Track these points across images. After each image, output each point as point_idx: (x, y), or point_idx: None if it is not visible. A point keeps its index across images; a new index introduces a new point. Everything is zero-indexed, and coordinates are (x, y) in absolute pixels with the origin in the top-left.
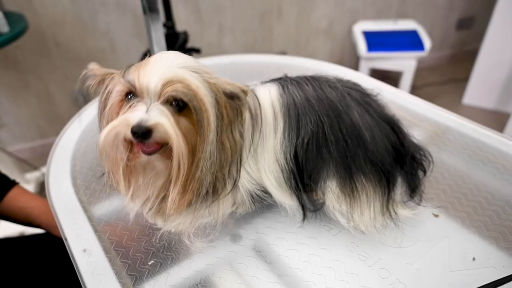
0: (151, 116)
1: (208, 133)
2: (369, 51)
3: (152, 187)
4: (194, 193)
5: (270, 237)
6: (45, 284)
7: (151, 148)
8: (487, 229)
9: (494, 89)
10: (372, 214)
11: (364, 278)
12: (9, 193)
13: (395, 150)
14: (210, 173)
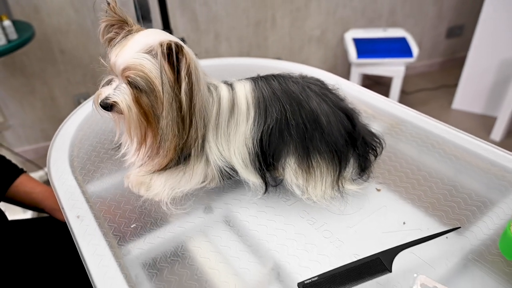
0: (113, 95)
1: (161, 108)
2: (359, 57)
3: (134, 141)
4: (166, 157)
5: (235, 207)
6: (48, 263)
7: (117, 115)
8: (420, 201)
9: (481, 95)
10: (323, 188)
11: (309, 238)
12: (17, 180)
13: (348, 134)
14: (174, 138)
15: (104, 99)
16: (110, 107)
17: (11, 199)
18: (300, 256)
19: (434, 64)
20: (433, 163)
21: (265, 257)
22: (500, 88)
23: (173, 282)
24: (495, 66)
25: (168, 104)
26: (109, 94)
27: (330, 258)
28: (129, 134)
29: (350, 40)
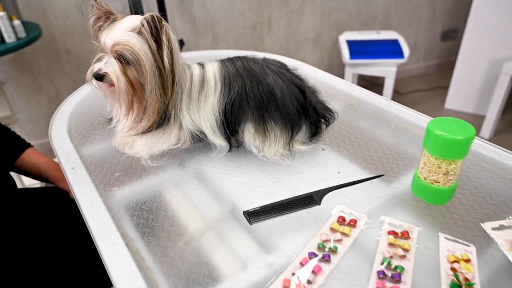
0: (105, 67)
1: (146, 75)
2: (352, 58)
3: (123, 108)
4: (149, 120)
5: (205, 164)
6: (53, 226)
7: (108, 85)
8: (356, 157)
9: (472, 95)
10: (276, 148)
11: (259, 182)
12: (25, 152)
13: (300, 105)
14: (157, 103)
15: (97, 71)
16: (102, 77)
17: (19, 169)
18: (249, 195)
19: (430, 67)
20: (375, 131)
21: (225, 200)
22: (488, 88)
23: (150, 219)
24: (483, 67)
25: (151, 72)
26: (101, 67)
27: (274, 196)
28: (119, 103)
29: (344, 42)
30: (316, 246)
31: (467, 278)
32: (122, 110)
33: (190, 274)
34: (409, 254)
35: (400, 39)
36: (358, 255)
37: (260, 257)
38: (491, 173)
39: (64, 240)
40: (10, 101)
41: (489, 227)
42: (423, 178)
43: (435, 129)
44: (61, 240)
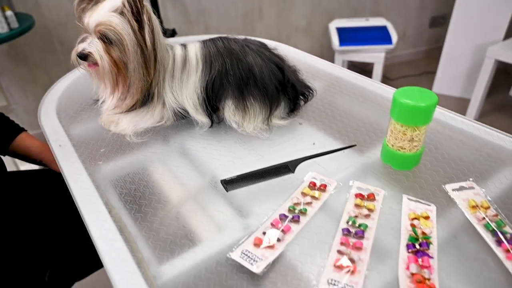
0: (88, 47)
1: (129, 54)
2: (341, 45)
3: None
4: (133, 98)
5: (187, 139)
6: (45, 208)
7: (92, 65)
8: (331, 129)
9: (458, 79)
10: (256, 123)
11: (237, 154)
12: (19, 136)
13: (279, 82)
14: (139, 81)
15: (81, 51)
16: (86, 57)
17: (13, 153)
18: (228, 166)
19: (419, 53)
20: (351, 106)
21: (204, 171)
22: (474, 72)
23: (133, 189)
24: (469, 52)
25: (133, 51)
26: (84, 47)
27: (251, 166)
28: (103, 82)
29: (333, 29)
30: (287, 208)
31: (424, 232)
32: (107, 89)
33: (167, 236)
34: (373, 214)
35: (389, 26)
36: (326, 216)
37: (235, 221)
38: (458, 142)
39: (55, 221)
40: (6, 93)
41: (450, 189)
42: (390, 145)
43: (400, 98)
44: (53, 221)
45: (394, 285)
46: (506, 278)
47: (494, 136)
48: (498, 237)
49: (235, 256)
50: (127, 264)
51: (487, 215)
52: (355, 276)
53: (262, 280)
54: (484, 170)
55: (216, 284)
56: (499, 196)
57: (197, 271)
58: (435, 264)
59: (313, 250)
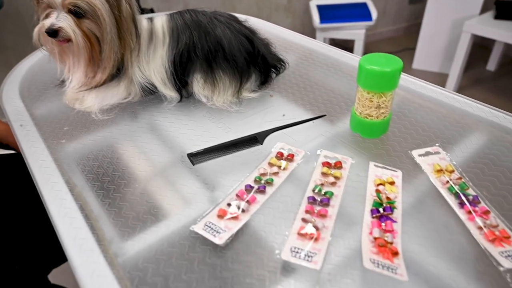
0: (57, 22)
1: (105, 25)
2: (322, 23)
3: (77, 65)
4: (104, 72)
5: (154, 114)
6: (15, 192)
7: (62, 41)
8: (302, 100)
9: (437, 55)
10: (226, 97)
11: (206, 128)
12: None
13: (248, 54)
14: (113, 54)
15: (50, 26)
16: (56, 33)
17: None
18: (196, 139)
19: (399, 30)
20: (323, 77)
21: (171, 146)
22: (452, 48)
23: (96, 167)
24: (447, 27)
25: (110, 22)
26: (53, 22)
27: (219, 139)
28: (73, 60)
29: (314, 7)
30: (253, 179)
31: (388, 197)
32: (77, 66)
33: (130, 213)
34: (339, 182)
35: (368, 2)
36: (293, 185)
37: (201, 194)
38: (427, 109)
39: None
40: None
41: (416, 154)
42: (358, 113)
43: (365, 64)
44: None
45: (358, 250)
46: (467, 239)
47: (461, 102)
48: (461, 199)
49: (198, 229)
50: (86, 242)
51: (451, 178)
52: (318, 243)
53: (225, 251)
54: (451, 135)
55: (178, 258)
56: (464, 161)
57: (159, 246)
58: (399, 228)
59: (278, 220)
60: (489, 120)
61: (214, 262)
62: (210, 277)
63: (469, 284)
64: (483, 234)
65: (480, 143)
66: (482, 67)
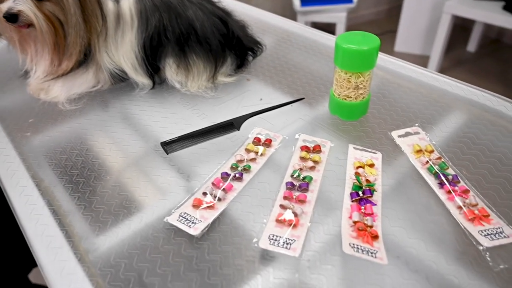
0: (16, 6)
1: (69, 7)
2: (302, 6)
3: (41, 52)
4: (71, 59)
5: (126, 102)
6: None
7: (23, 27)
8: (280, 84)
9: (418, 37)
10: (200, 82)
11: (180, 115)
12: None
13: (223, 36)
14: (79, 39)
15: (8, 11)
16: (15, 17)
17: None
18: (169, 127)
19: (380, 12)
20: (301, 60)
21: (144, 135)
22: (433, 29)
23: (64, 160)
24: (427, 9)
25: (73, 2)
26: (11, 6)
27: (194, 126)
28: (36, 47)
29: None
30: (230, 166)
31: (368, 180)
32: (41, 54)
33: (101, 206)
34: (318, 166)
35: None
36: (271, 171)
37: (176, 184)
38: (406, 89)
39: None
40: None
41: (396, 135)
42: (337, 95)
43: (342, 43)
44: None
45: (337, 236)
46: (447, 219)
47: (440, 82)
48: (440, 179)
49: (172, 220)
50: (54, 240)
51: (431, 158)
52: (297, 230)
53: (201, 242)
54: (430, 115)
55: (152, 251)
56: (444, 140)
57: (132, 240)
58: (379, 211)
59: (256, 207)
60: (468, 98)
61: (190, 254)
62: (186, 269)
63: (450, 265)
64: (462, 214)
65: (459, 122)
66: (463, 48)
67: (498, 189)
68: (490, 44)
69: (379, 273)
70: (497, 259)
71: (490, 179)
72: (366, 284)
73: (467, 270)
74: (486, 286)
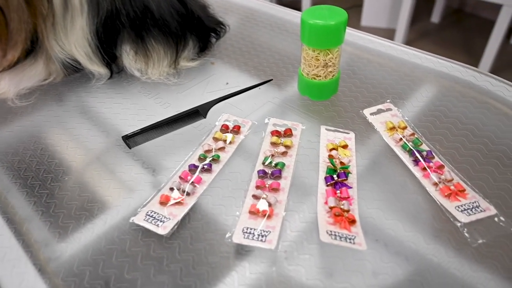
0: None
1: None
2: None
3: None
4: (16, 48)
5: (83, 95)
6: None
7: None
8: (246, 66)
9: (384, 10)
10: (162, 68)
11: (142, 105)
12: None
13: (182, 17)
14: (23, 24)
15: None
16: None
17: None
18: (131, 119)
19: None
20: (267, 39)
21: (104, 129)
22: (397, 1)
23: (16, 162)
24: None
25: None
26: None
27: (157, 116)
28: None
29: None
30: (197, 158)
31: (342, 162)
32: None
33: (60, 210)
34: (291, 151)
35: None
36: (242, 159)
37: (141, 180)
38: (376, 64)
39: None
40: None
41: (368, 113)
42: (305, 74)
43: (308, 19)
44: None
45: (314, 222)
46: (424, 196)
47: (410, 55)
48: (415, 156)
49: (138, 220)
50: (11, 250)
51: (404, 135)
52: (272, 220)
53: (171, 241)
54: (401, 90)
55: (118, 255)
56: (416, 115)
57: (96, 245)
58: (355, 194)
59: (228, 199)
60: (438, 70)
61: (160, 255)
62: (156, 272)
63: (428, 244)
64: (438, 190)
65: (430, 95)
66: (427, 20)
67: (472, 162)
68: (453, 14)
69: (358, 259)
70: (475, 234)
71: (463, 152)
72: (346, 271)
73: (446, 248)
74: (465, 262)
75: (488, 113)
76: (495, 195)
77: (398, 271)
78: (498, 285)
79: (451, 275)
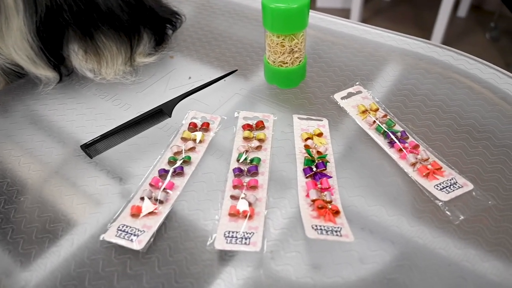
0: None
1: None
2: None
3: None
4: None
5: (31, 104)
6: None
7: None
8: (208, 57)
9: None
10: (116, 67)
11: (100, 109)
12: None
13: (132, 9)
14: None
15: None
16: None
17: None
18: (88, 126)
19: None
20: (227, 27)
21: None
22: None
23: None
24: None
25: None
26: None
27: (117, 120)
28: None
29: None
30: (167, 161)
31: (319, 151)
32: None
33: (18, 235)
34: (265, 144)
35: None
36: (215, 158)
37: (108, 192)
38: (340, 46)
39: None
40: None
41: (339, 97)
42: (271, 62)
43: (269, 3)
44: None
45: (297, 217)
46: (402, 178)
47: (372, 34)
48: (390, 138)
49: (109, 237)
50: None
51: (377, 117)
52: (253, 221)
53: (149, 255)
54: (368, 71)
55: (91, 278)
56: (386, 95)
57: (65, 269)
58: (335, 183)
59: (205, 202)
60: (401, 48)
61: (138, 272)
62: None
63: (412, 226)
64: (416, 171)
65: (397, 74)
66: None
67: (444, 138)
68: None
69: (346, 250)
70: (456, 211)
71: (435, 130)
72: (335, 264)
73: (429, 228)
74: (449, 241)
75: (454, 87)
76: (470, 169)
77: (386, 258)
78: (482, 259)
79: (438, 255)
